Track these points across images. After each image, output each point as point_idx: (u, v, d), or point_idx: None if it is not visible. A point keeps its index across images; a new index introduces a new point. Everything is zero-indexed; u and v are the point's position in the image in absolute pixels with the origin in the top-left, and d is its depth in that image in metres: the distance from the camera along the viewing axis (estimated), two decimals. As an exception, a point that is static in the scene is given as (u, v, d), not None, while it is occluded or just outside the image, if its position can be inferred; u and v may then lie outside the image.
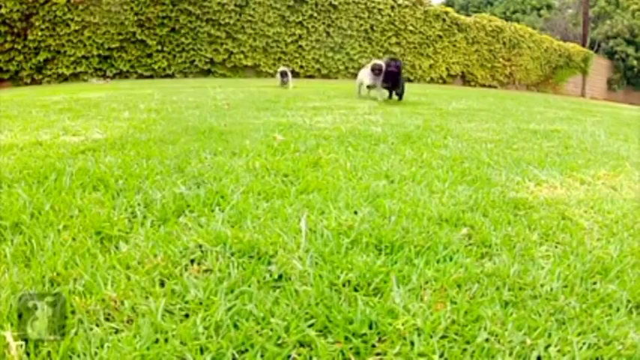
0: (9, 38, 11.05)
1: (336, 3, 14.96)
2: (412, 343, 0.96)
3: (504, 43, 19.04)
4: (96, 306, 1.05)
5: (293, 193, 1.82)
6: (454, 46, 17.46)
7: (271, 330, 0.98)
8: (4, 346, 0.91)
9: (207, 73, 13.52)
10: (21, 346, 0.92)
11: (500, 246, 1.42)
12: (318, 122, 3.80)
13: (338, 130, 3.35)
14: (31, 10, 11.26)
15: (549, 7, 31.32)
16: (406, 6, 16.18)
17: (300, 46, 14.64)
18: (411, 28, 16.34)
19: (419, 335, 0.98)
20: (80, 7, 11.70)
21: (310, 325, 1.00)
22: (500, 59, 18.95)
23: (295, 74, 14.08)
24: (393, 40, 16.05)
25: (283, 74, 8.55)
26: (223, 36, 13.60)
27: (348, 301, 1.09)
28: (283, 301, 1.07)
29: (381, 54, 15.50)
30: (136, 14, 12.46)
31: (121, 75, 12.41)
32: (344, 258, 1.27)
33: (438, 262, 1.29)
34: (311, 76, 14.60)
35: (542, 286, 1.20)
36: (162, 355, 0.91)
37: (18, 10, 11.06)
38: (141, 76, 12.65)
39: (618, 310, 1.12)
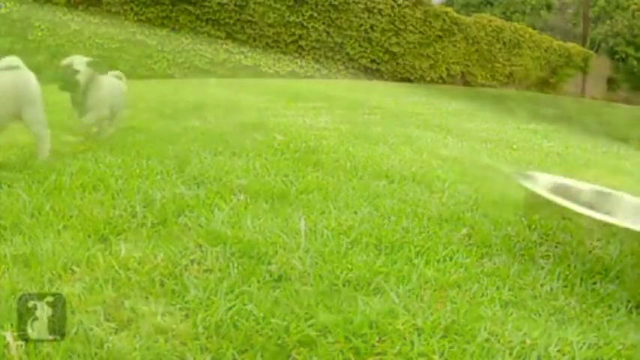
0: (9, 38, 11.04)
1: (336, 3, 14.93)
2: (412, 343, 0.96)
3: (504, 43, 19.01)
4: (96, 306, 1.05)
5: (293, 193, 1.81)
6: (454, 46, 17.44)
7: (271, 330, 0.97)
8: (4, 346, 0.91)
9: (207, 73, 13.50)
10: (21, 346, 0.92)
11: (500, 246, 1.42)
12: (318, 122, 3.79)
13: (338, 130, 3.35)
14: (31, 10, 11.25)
15: (549, 7, 31.27)
16: (406, 6, 16.16)
17: (300, 46, 14.62)
18: (411, 28, 16.32)
19: (419, 335, 0.98)
20: (80, 7, 11.70)
21: (310, 325, 1.00)
22: (500, 59, 18.92)
23: (295, 74, 14.06)
24: (393, 40, 16.03)
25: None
26: (223, 36, 13.59)
27: (348, 301, 1.09)
28: (283, 301, 1.07)
29: (380, 54, 15.50)
30: (136, 14, 12.45)
31: (121, 75, 12.40)
32: (344, 258, 1.27)
33: (438, 262, 1.29)
34: (311, 76, 14.58)
35: (542, 286, 1.20)
36: (162, 355, 0.91)
37: (18, 10, 11.06)
38: (141, 76, 12.64)
39: (618, 310, 1.11)
